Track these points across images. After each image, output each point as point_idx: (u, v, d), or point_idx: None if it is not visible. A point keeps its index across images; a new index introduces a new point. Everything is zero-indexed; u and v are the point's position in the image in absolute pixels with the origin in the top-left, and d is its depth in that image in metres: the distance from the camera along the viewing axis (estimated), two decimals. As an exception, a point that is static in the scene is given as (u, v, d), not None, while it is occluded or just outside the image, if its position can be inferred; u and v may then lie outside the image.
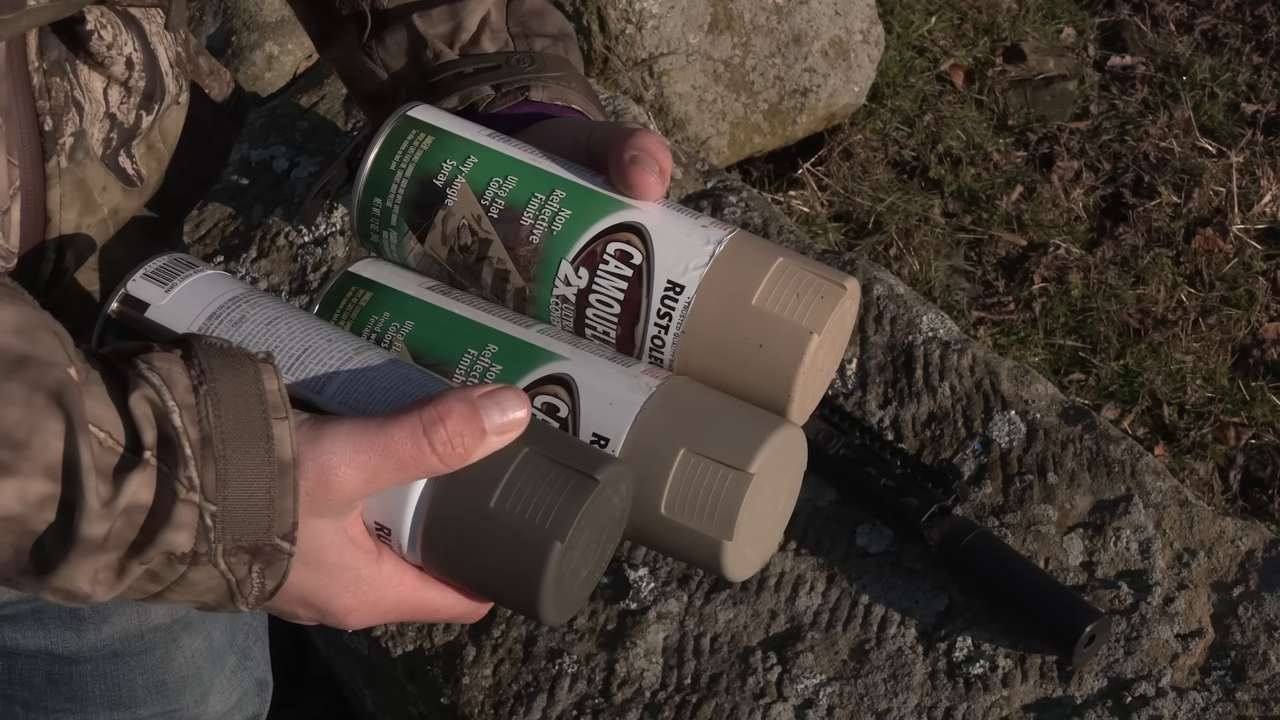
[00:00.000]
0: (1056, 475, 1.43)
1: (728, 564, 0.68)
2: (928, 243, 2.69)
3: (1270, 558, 1.36)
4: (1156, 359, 2.48)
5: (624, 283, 0.71)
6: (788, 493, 0.73)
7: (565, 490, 0.63)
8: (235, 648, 1.18)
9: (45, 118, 0.75)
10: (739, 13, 2.68)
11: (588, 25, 2.61)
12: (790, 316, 0.70)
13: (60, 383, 0.58)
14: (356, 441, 0.62)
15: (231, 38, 2.66)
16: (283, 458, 0.60)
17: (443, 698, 1.41)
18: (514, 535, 0.63)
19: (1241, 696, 1.27)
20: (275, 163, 1.90)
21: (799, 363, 0.70)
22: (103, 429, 0.59)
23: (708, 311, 0.70)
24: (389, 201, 0.74)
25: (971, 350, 1.53)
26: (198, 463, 0.59)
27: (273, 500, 0.60)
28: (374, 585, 0.66)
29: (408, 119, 0.76)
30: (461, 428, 0.62)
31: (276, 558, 0.62)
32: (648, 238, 0.71)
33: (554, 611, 0.65)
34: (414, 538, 0.65)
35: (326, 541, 0.64)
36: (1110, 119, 2.95)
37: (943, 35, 3.12)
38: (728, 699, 1.34)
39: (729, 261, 0.71)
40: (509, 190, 0.73)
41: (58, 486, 0.58)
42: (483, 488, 0.64)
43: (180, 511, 0.59)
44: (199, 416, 0.60)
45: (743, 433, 0.68)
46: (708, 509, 0.67)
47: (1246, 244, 2.66)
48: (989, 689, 1.31)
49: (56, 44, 0.75)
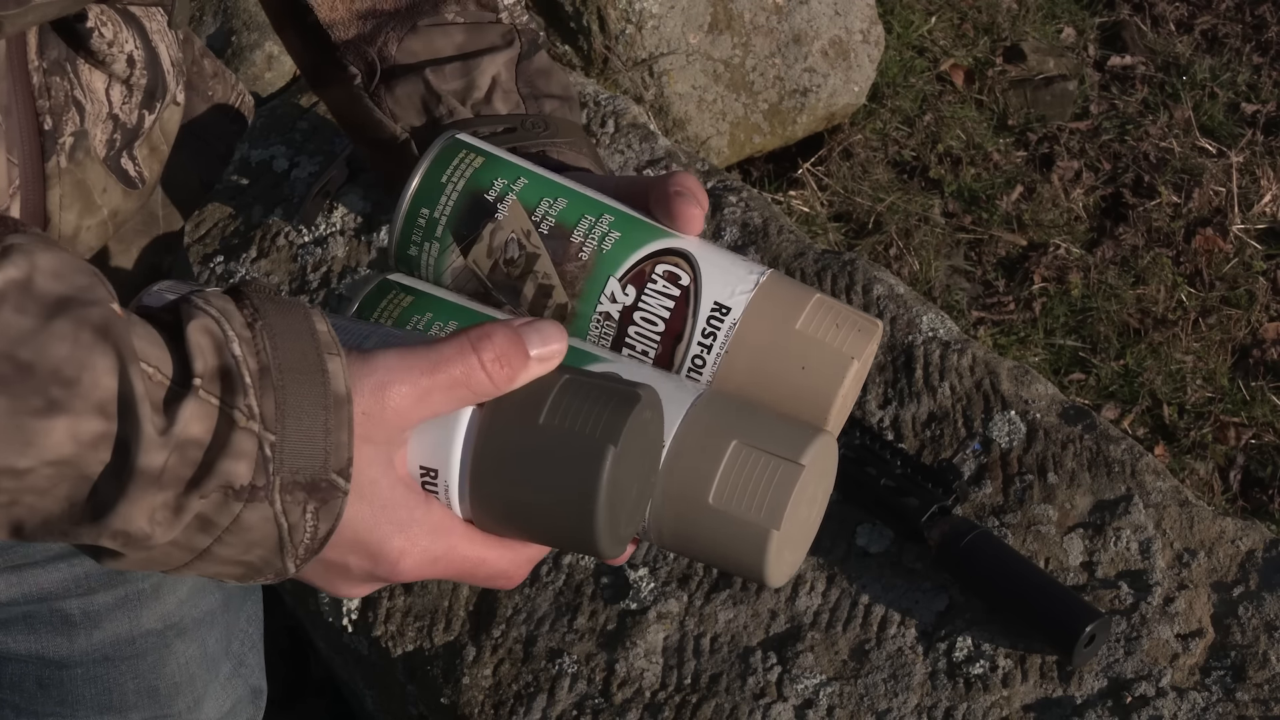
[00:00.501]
0: (1056, 475, 1.43)
1: (770, 560, 0.69)
2: (928, 243, 2.69)
3: (1270, 558, 1.36)
4: (1156, 359, 2.48)
5: (671, 302, 0.74)
6: (820, 504, 0.74)
7: (611, 403, 0.64)
8: (230, 655, 1.18)
9: (45, 117, 0.75)
10: (739, 13, 2.68)
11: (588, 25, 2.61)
12: (832, 343, 0.73)
13: (105, 318, 0.58)
14: (407, 359, 0.63)
15: (231, 38, 2.66)
16: (338, 391, 0.61)
17: (443, 698, 1.41)
18: (566, 447, 0.64)
19: (1241, 696, 1.27)
20: (275, 163, 1.90)
21: (839, 385, 0.73)
22: (150, 364, 0.58)
23: (753, 333, 0.73)
24: (436, 213, 0.76)
25: (971, 350, 1.53)
26: (257, 391, 0.59)
27: (329, 433, 0.60)
28: (425, 528, 0.66)
29: (457, 140, 0.78)
30: (507, 348, 0.63)
31: (332, 495, 0.61)
32: (695, 262, 0.75)
33: (607, 534, 0.65)
34: (462, 474, 0.66)
35: (379, 472, 0.64)
36: (1110, 119, 2.95)
37: (943, 35, 3.13)
38: (728, 699, 1.34)
39: (773, 289, 0.74)
40: (559, 210, 0.75)
41: (112, 424, 0.57)
42: (530, 409, 0.65)
43: (240, 440, 0.59)
44: (257, 348, 0.60)
45: (792, 429, 0.70)
46: (757, 499, 0.68)
47: (1246, 244, 2.66)
48: (989, 689, 1.31)
49: (56, 42, 0.75)
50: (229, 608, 1.16)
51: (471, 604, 1.44)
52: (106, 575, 1.05)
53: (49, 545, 1.01)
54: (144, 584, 1.08)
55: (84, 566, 1.04)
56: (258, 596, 1.21)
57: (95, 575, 1.05)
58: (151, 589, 1.08)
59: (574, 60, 2.65)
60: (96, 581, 1.05)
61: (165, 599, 1.09)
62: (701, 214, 0.76)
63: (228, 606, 1.16)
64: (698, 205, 0.75)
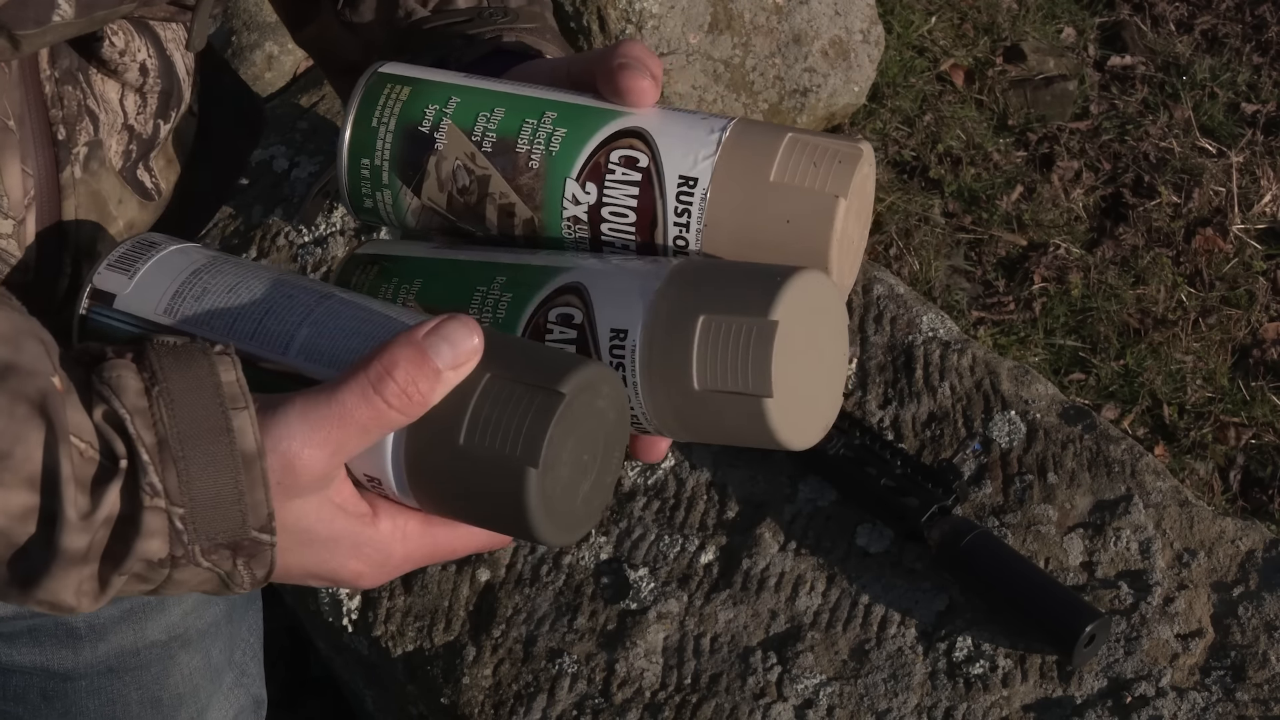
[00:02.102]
0: (1056, 475, 1.42)
1: (779, 427, 0.65)
2: (928, 243, 2.69)
3: (1270, 558, 1.36)
4: (1156, 359, 2.48)
5: (634, 188, 0.69)
6: (833, 346, 0.69)
7: (530, 412, 0.61)
8: (233, 664, 1.18)
9: (58, 127, 0.74)
10: (739, 13, 2.68)
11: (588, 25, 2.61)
12: (813, 185, 0.67)
13: (43, 392, 0.58)
14: (310, 419, 0.60)
15: (231, 38, 2.66)
16: (246, 450, 0.59)
17: (443, 698, 1.41)
18: (489, 469, 0.61)
19: (1241, 696, 1.27)
20: (275, 163, 1.90)
21: (830, 230, 0.67)
22: (83, 439, 0.58)
23: (726, 198, 0.68)
24: (377, 160, 0.72)
25: (971, 350, 1.53)
26: (157, 467, 0.58)
27: (242, 495, 0.59)
28: (376, 546, 0.65)
29: (380, 75, 0.74)
30: (413, 374, 0.60)
31: (258, 550, 0.61)
32: (650, 139, 0.69)
33: (555, 534, 0.63)
34: (402, 485, 0.64)
35: (311, 520, 0.63)
36: (1110, 119, 2.95)
37: (943, 35, 3.12)
38: (728, 699, 1.34)
39: (738, 145, 0.68)
40: (498, 121, 0.71)
41: (38, 497, 0.57)
42: (450, 425, 0.62)
43: (148, 519, 0.58)
44: (153, 420, 0.58)
45: (759, 285, 0.65)
46: (740, 369, 0.64)
47: (1246, 244, 2.66)
48: (989, 689, 1.31)
49: (68, 52, 0.74)
50: (232, 618, 1.16)
51: (471, 604, 1.44)
52: None
53: None
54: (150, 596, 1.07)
55: None
56: (258, 606, 1.21)
57: None
58: (156, 601, 1.08)
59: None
60: None
61: (170, 611, 1.09)
62: (653, 84, 0.69)
63: (231, 617, 1.15)
64: (647, 75, 0.69)
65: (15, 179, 0.72)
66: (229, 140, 0.93)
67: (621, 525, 1.47)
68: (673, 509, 1.47)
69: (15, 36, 0.68)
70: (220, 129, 0.90)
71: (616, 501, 1.49)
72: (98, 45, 0.75)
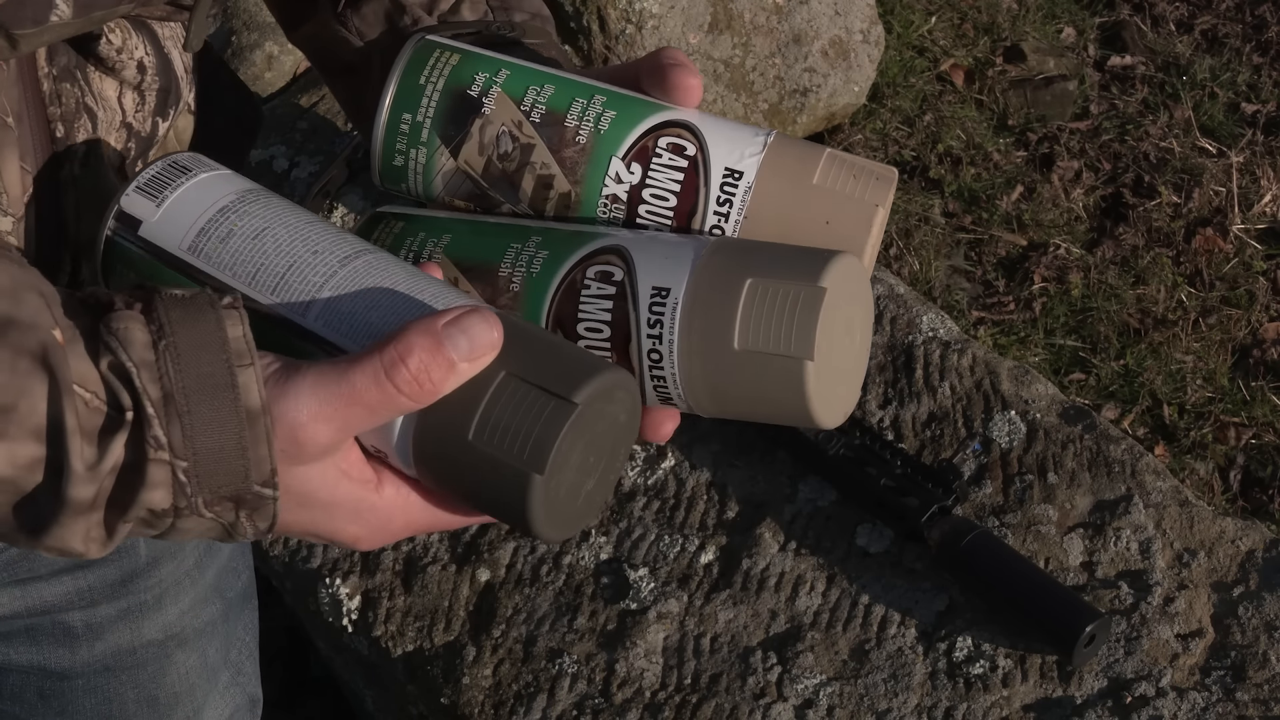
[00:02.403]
0: (1056, 475, 1.43)
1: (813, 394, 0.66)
2: (928, 243, 2.69)
3: (1270, 558, 1.36)
4: (1156, 359, 2.48)
5: (680, 174, 0.71)
6: (862, 334, 0.71)
7: (541, 419, 0.61)
8: (229, 664, 1.18)
9: (56, 124, 0.74)
10: (739, 13, 2.68)
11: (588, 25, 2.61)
12: (854, 193, 0.70)
13: (44, 345, 0.58)
14: (320, 394, 0.61)
15: (231, 38, 2.66)
16: (250, 406, 0.60)
17: (443, 698, 1.41)
18: (493, 469, 0.61)
19: (1241, 696, 1.27)
20: (275, 163, 1.90)
21: (868, 233, 0.70)
22: (88, 389, 0.59)
23: (770, 194, 0.70)
24: (419, 116, 0.73)
25: (971, 350, 1.53)
26: (162, 421, 0.59)
27: (245, 450, 0.60)
28: (377, 512, 0.65)
29: (429, 41, 0.74)
30: (426, 363, 0.60)
31: (261, 504, 0.61)
32: (698, 132, 0.71)
33: (554, 532, 0.64)
34: (407, 463, 0.64)
35: (315, 484, 0.63)
36: (1110, 119, 2.95)
37: (943, 35, 3.12)
38: (728, 699, 1.34)
39: (782, 149, 0.71)
40: (548, 96, 0.72)
41: (44, 449, 0.58)
42: (461, 418, 0.62)
43: (153, 471, 0.59)
44: (159, 374, 0.59)
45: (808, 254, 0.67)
46: (784, 331, 0.65)
47: (1246, 244, 2.66)
48: (989, 689, 1.31)
49: (65, 50, 0.74)
50: (228, 617, 1.16)
51: (471, 604, 1.44)
52: (110, 588, 1.05)
53: (52, 560, 1.01)
54: (146, 595, 1.07)
55: (87, 579, 1.04)
56: (254, 605, 1.20)
57: (98, 588, 1.05)
58: (154, 600, 1.08)
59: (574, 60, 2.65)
60: (99, 594, 1.05)
61: (167, 610, 1.09)
62: (699, 84, 0.73)
63: (227, 616, 1.15)
64: (695, 75, 0.73)
65: (14, 176, 0.73)
66: (227, 139, 0.93)
67: (621, 525, 1.47)
68: (673, 509, 1.47)
69: (13, 36, 0.68)
70: (218, 127, 0.90)
71: (616, 501, 1.49)
72: (95, 43, 0.75)
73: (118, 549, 1.02)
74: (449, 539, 1.48)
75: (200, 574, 1.10)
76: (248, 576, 1.18)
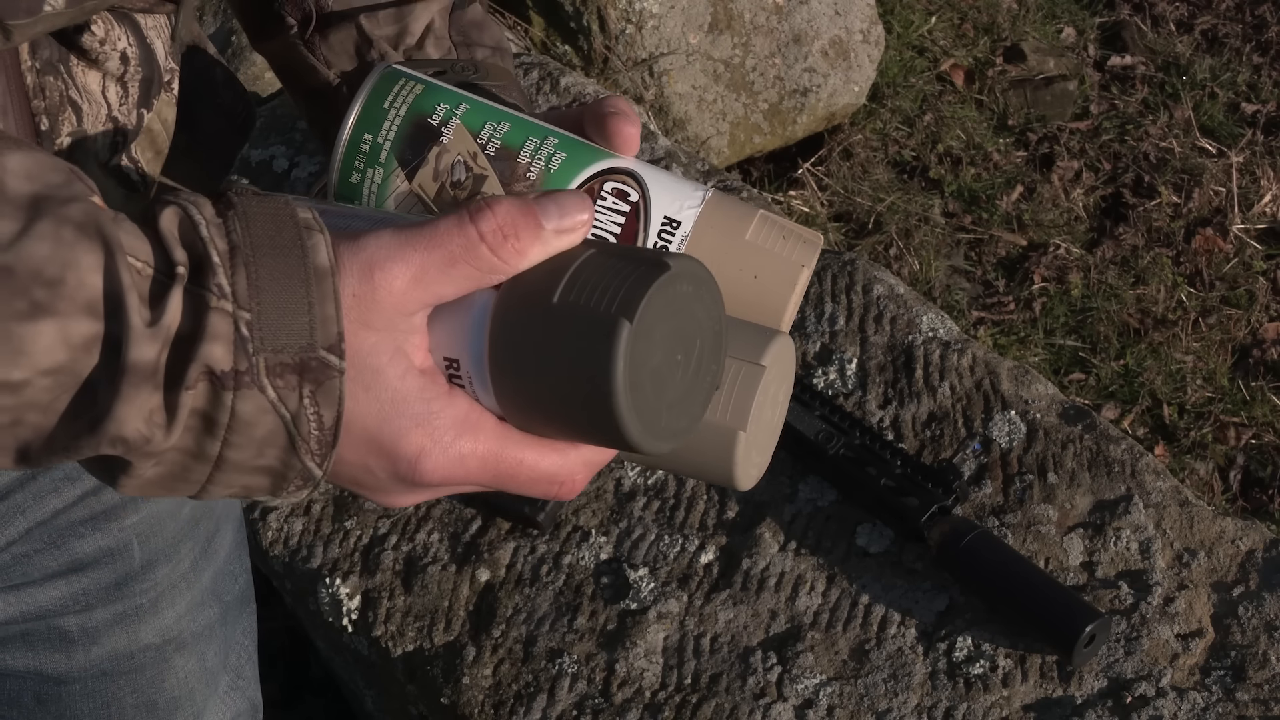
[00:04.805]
0: (1056, 475, 1.43)
1: (739, 462, 0.70)
2: (928, 243, 2.69)
3: (1270, 558, 1.36)
4: (1156, 359, 2.48)
5: (621, 218, 0.74)
6: (781, 405, 0.75)
7: (633, 276, 0.59)
8: (228, 668, 1.17)
9: (41, 117, 0.74)
10: (739, 13, 2.68)
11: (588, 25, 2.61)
12: (781, 252, 0.76)
13: (87, 213, 0.55)
14: (400, 237, 0.58)
15: (231, 38, 2.66)
16: (319, 264, 0.57)
17: (443, 698, 1.41)
18: (580, 324, 0.58)
19: (1241, 696, 1.27)
20: (275, 163, 1.90)
21: (791, 291, 0.75)
22: (139, 259, 0.56)
23: (704, 245, 0.75)
24: (380, 138, 0.75)
25: (971, 350, 1.53)
26: (226, 269, 0.56)
27: (311, 305, 0.57)
28: (447, 421, 0.60)
29: (395, 69, 0.77)
30: (514, 218, 0.58)
31: (326, 375, 0.57)
32: (641, 180, 0.75)
33: (636, 418, 0.60)
34: (480, 365, 0.61)
35: (384, 360, 0.59)
36: (1110, 119, 2.95)
37: (943, 35, 3.13)
38: (728, 699, 1.34)
39: (719, 206, 0.76)
40: (504, 132, 0.75)
41: (100, 323, 0.55)
42: (545, 287, 0.60)
43: (214, 321, 0.56)
44: (228, 230, 0.57)
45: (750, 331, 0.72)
46: (722, 401, 0.69)
47: (1246, 244, 2.66)
48: (989, 689, 1.31)
49: (49, 42, 0.74)
50: (227, 620, 1.15)
51: (471, 604, 1.44)
52: (104, 591, 1.04)
53: (46, 564, 1.01)
54: (142, 599, 1.07)
55: (82, 583, 1.04)
56: (252, 609, 1.20)
57: (93, 592, 1.04)
58: (150, 604, 1.08)
59: (574, 60, 2.65)
60: (94, 598, 1.05)
61: (164, 613, 1.09)
62: (637, 133, 0.76)
63: (225, 619, 1.15)
64: (634, 124, 0.76)
65: None
66: (217, 134, 0.93)
67: (621, 525, 1.47)
68: (673, 509, 1.47)
69: (6, 26, 0.68)
70: (209, 122, 0.90)
71: (616, 501, 1.49)
72: (78, 35, 0.75)
73: (111, 551, 1.02)
74: (449, 539, 1.48)
75: (196, 577, 1.10)
76: (245, 580, 1.17)
